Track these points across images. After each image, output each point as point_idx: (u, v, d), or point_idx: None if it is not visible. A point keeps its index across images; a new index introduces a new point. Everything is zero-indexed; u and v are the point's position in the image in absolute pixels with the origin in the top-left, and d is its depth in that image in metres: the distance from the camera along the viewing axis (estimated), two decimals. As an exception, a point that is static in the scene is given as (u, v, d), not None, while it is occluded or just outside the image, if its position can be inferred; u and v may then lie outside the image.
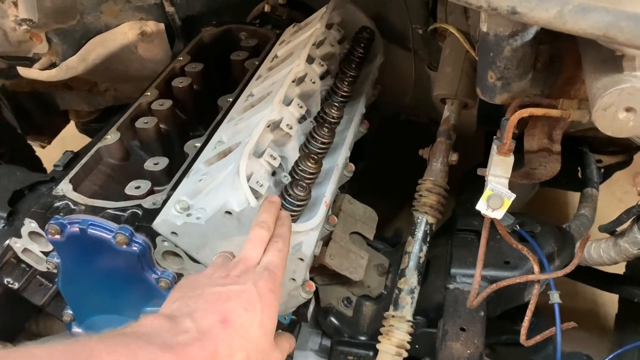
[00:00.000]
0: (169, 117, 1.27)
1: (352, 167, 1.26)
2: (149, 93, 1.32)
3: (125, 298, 1.10)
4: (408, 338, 1.12)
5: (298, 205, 0.95)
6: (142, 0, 1.66)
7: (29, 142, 2.22)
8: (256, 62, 1.39)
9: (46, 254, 1.12)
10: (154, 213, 0.99)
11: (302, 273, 0.95)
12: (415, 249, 1.16)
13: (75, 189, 1.07)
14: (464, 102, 1.25)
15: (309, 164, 1.00)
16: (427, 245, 1.17)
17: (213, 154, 1.06)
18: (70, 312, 1.18)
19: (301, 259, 0.93)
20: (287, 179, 1.00)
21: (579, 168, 1.75)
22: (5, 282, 1.19)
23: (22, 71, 1.77)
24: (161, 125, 1.26)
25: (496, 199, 0.83)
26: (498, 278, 1.21)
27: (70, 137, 2.39)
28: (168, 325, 0.62)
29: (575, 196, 1.92)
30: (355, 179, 1.28)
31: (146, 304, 1.09)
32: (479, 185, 1.28)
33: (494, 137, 0.91)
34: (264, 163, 1.00)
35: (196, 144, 1.15)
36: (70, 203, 1.04)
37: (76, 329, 1.20)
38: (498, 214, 0.86)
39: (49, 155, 2.12)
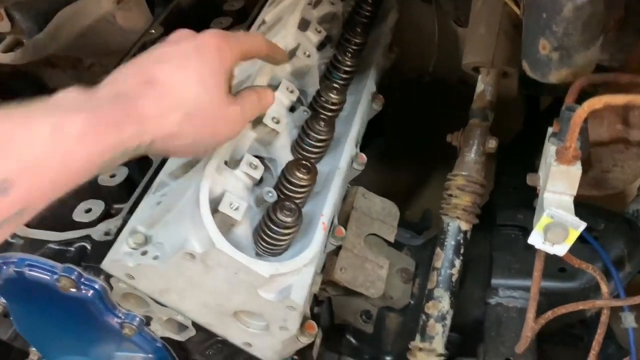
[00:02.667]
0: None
1: (364, 158, 1.01)
2: (112, 79, 1.08)
3: (90, 341, 0.91)
4: (440, 376, 0.90)
5: (284, 234, 0.72)
6: (111, -38, 1.41)
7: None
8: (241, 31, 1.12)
9: (-6, 291, 0.93)
10: (106, 247, 0.77)
11: (295, 321, 0.73)
12: (446, 264, 0.92)
13: (15, 215, 0.85)
14: (502, 70, 0.97)
15: (299, 175, 0.76)
16: (462, 258, 0.93)
17: (179, 162, 0.83)
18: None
19: (291, 308, 0.71)
20: (271, 197, 0.76)
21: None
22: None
23: (-18, 55, 1.56)
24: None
25: (558, 230, 0.58)
26: (551, 290, 0.97)
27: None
28: (79, 95, 0.51)
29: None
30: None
31: (117, 349, 0.90)
32: (524, 163, 1.03)
33: (550, 132, 0.64)
34: (242, 176, 0.76)
35: (163, 146, 0.92)
36: (7, 235, 0.83)
37: (46, 369, 1.03)
38: (560, 250, 0.60)
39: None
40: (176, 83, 0.55)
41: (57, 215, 0.87)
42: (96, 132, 0.48)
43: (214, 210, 0.72)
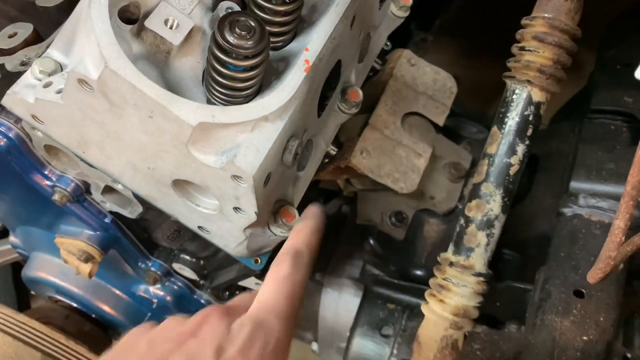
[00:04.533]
0: None
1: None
2: None
3: (31, 209, 0.74)
4: (475, 302, 0.64)
5: (237, 69, 0.47)
6: None
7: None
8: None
9: None
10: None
11: (249, 199, 0.49)
12: (502, 150, 0.63)
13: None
14: None
15: (275, -18, 0.50)
16: (528, 142, 0.64)
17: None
18: (-2, 216, 0.86)
19: (239, 178, 0.47)
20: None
21: None
22: None
23: None
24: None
25: None
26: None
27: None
28: None
29: None
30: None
31: (59, 220, 0.72)
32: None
33: None
34: (193, -17, 0.51)
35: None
36: None
37: (12, 238, 0.88)
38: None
39: None
40: None
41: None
42: None
43: (140, 27, 0.48)
